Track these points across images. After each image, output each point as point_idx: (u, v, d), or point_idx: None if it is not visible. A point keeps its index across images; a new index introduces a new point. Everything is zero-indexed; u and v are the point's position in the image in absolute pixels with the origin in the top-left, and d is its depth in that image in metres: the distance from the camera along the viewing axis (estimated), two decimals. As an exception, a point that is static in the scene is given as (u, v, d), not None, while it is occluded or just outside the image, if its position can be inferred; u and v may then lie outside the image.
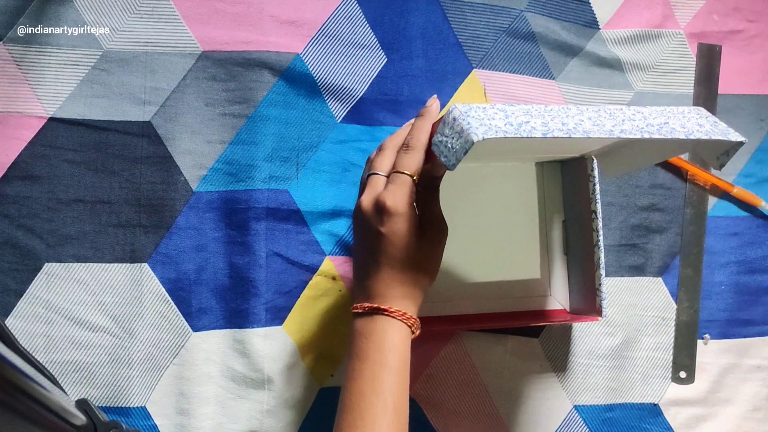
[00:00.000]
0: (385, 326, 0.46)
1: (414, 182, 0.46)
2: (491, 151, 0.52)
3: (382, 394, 0.44)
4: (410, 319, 0.46)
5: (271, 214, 0.61)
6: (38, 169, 0.59)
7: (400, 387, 0.44)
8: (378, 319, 0.46)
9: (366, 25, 0.63)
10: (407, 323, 0.46)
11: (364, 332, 0.46)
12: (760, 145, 0.68)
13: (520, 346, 0.64)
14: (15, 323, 0.58)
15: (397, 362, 0.45)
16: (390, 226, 0.45)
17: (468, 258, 0.62)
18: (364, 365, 0.45)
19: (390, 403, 0.43)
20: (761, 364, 0.67)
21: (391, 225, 0.45)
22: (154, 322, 0.59)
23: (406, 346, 0.46)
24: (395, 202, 0.45)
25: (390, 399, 0.44)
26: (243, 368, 0.60)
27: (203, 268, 0.60)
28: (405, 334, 0.46)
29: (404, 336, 0.46)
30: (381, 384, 0.44)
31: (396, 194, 0.45)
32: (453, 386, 0.63)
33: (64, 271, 0.59)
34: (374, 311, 0.46)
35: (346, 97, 0.63)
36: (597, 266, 0.56)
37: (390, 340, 0.45)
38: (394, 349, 0.45)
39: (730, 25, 0.68)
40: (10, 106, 0.59)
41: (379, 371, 0.44)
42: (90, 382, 0.58)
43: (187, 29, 0.60)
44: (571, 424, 0.65)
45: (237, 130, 0.61)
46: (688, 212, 0.67)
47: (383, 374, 0.44)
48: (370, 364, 0.45)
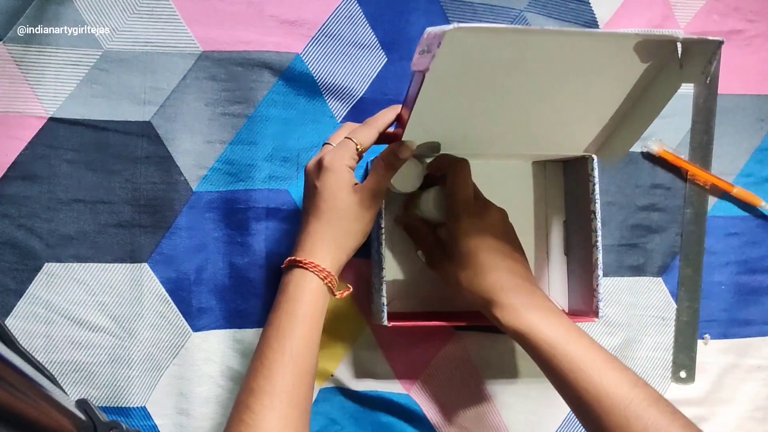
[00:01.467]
0: (298, 278, 0.48)
1: (356, 148, 0.50)
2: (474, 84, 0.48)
3: (283, 340, 0.46)
4: (323, 271, 0.48)
5: (271, 214, 0.61)
6: (38, 169, 0.59)
7: (303, 336, 0.47)
8: (294, 272, 0.49)
9: (366, 25, 0.63)
10: (319, 275, 0.48)
11: (281, 285, 0.49)
12: (760, 145, 0.68)
13: (520, 346, 0.64)
14: (15, 323, 0.58)
15: (302, 312, 0.47)
16: (323, 180, 0.49)
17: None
18: (274, 315, 0.48)
19: (288, 349, 0.46)
20: (761, 364, 0.67)
21: (324, 179, 0.49)
22: (154, 322, 0.59)
23: (316, 297, 0.48)
24: (332, 159, 0.49)
25: (289, 346, 0.46)
26: (243, 368, 0.60)
27: (203, 268, 0.60)
28: (315, 285, 0.48)
29: (314, 287, 0.48)
30: (284, 332, 0.47)
31: (335, 154, 0.50)
32: (453, 386, 0.63)
33: (64, 271, 0.59)
34: (292, 264, 0.49)
35: (346, 97, 0.63)
36: (595, 267, 0.56)
37: (300, 291, 0.48)
38: (302, 299, 0.47)
39: (730, 25, 0.68)
40: (10, 106, 0.59)
41: (285, 320, 0.47)
42: (90, 382, 0.58)
43: (187, 29, 0.60)
44: (571, 424, 0.65)
45: (237, 130, 0.61)
46: (688, 212, 0.67)
47: (288, 323, 0.47)
48: (279, 313, 0.48)
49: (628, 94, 0.49)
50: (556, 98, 0.50)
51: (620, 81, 0.49)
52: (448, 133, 0.53)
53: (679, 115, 0.67)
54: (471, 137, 0.54)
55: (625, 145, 0.53)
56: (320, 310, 0.49)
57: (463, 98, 0.48)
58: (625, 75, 0.48)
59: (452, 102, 0.48)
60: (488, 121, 0.52)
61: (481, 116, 0.51)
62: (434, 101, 0.46)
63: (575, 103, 0.51)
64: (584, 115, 0.52)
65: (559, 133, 0.55)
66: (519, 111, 0.51)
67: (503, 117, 0.51)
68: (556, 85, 0.48)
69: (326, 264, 0.49)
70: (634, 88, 0.49)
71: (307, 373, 0.47)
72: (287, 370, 0.46)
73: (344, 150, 0.50)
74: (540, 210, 0.63)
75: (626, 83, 0.49)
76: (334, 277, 0.49)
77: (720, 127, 0.68)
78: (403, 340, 0.62)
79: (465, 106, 0.49)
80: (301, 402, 0.47)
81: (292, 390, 0.46)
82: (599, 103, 0.51)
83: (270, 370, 0.46)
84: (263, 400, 0.45)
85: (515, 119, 0.52)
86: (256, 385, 0.46)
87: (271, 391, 0.45)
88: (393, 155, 0.50)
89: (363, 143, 0.50)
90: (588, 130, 0.54)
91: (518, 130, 0.54)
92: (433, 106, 0.47)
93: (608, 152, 0.55)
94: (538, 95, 0.49)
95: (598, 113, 0.52)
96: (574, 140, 0.56)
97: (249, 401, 0.45)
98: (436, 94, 0.45)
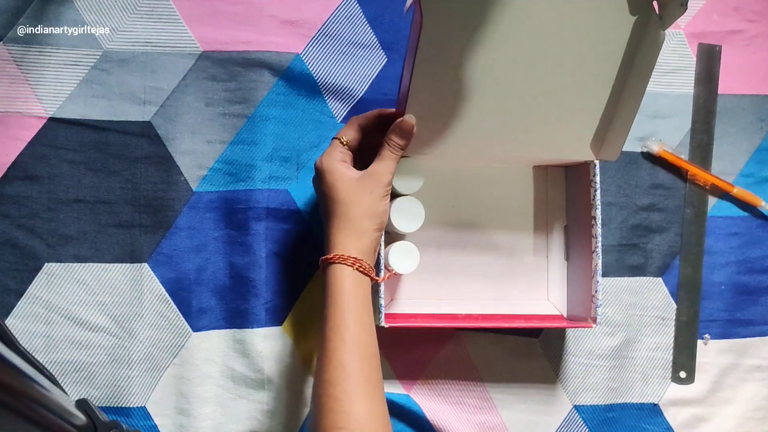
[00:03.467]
0: (332, 273, 0.50)
1: (341, 142, 0.53)
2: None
3: (339, 331, 0.48)
4: (348, 259, 0.50)
5: (271, 214, 0.61)
6: (38, 169, 0.59)
7: (355, 323, 0.49)
8: (327, 269, 0.51)
9: (366, 25, 0.63)
10: (346, 263, 0.50)
11: (323, 285, 0.51)
12: (760, 145, 0.68)
13: (520, 346, 0.64)
14: (15, 323, 0.58)
15: (346, 301, 0.49)
16: (321, 181, 0.52)
17: (467, 258, 0.62)
18: (324, 312, 0.50)
19: (348, 338, 0.48)
20: (761, 364, 0.67)
21: (322, 180, 0.52)
22: (154, 322, 0.59)
23: (353, 285, 0.50)
24: (322, 160, 0.53)
25: (347, 334, 0.48)
26: (243, 368, 0.60)
27: (203, 268, 0.60)
28: (348, 273, 0.50)
29: (348, 276, 0.50)
30: (337, 323, 0.49)
31: (324, 155, 0.53)
32: (453, 386, 0.63)
33: (64, 271, 0.59)
34: (325, 264, 0.51)
35: (346, 97, 0.63)
36: (594, 273, 0.56)
37: (337, 284, 0.50)
38: (342, 290, 0.49)
39: (730, 25, 0.68)
40: (10, 106, 0.59)
41: (334, 313, 0.49)
42: (90, 382, 0.58)
43: (187, 29, 0.60)
44: (571, 424, 0.65)
45: (237, 130, 0.61)
46: (688, 212, 0.67)
47: (338, 314, 0.49)
48: (328, 309, 0.50)
49: (618, 69, 0.51)
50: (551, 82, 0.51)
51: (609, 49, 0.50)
52: (445, 127, 0.53)
53: (679, 115, 0.67)
54: (471, 136, 0.54)
55: (622, 132, 0.53)
56: (362, 295, 0.50)
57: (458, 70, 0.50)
58: (613, 40, 0.49)
59: (447, 78, 0.50)
60: (487, 116, 0.52)
61: (478, 108, 0.52)
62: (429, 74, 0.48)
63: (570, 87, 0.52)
64: (581, 103, 0.53)
65: (559, 132, 0.55)
66: (514, 101, 0.52)
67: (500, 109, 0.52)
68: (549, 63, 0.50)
69: (351, 252, 0.50)
70: (623, 61, 0.50)
71: (372, 355, 0.49)
72: (354, 355, 0.48)
73: (331, 148, 0.53)
74: (541, 215, 0.63)
75: (615, 53, 0.50)
76: (363, 262, 0.50)
77: (720, 127, 0.68)
78: (403, 341, 0.62)
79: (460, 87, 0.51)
80: (376, 382, 0.49)
81: (364, 373, 0.48)
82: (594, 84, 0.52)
83: (339, 360, 0.47)
84: (344, 386, 0.47)
85: (514, 114, 0.53)
86: (330, 376, 0.47)
87: (346, 378, 0.47)
88: (394, 133, 0.52)
89: (346, 137, 0.53)
90: (586, 123, 0.54)
91: (518, 129, 0.54)
92: (429, 80, 0.49)
93: (608, 146, 0.55)
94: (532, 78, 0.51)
95: (594, 97, 0.53)
96: (574, 138, 0.56)
97: (330, 391, 0.47)
98: (430, 64, 0.47)
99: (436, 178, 0.61)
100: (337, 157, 0.52)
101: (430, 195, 0.60)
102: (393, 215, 0.56)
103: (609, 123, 0.54)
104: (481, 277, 0.62)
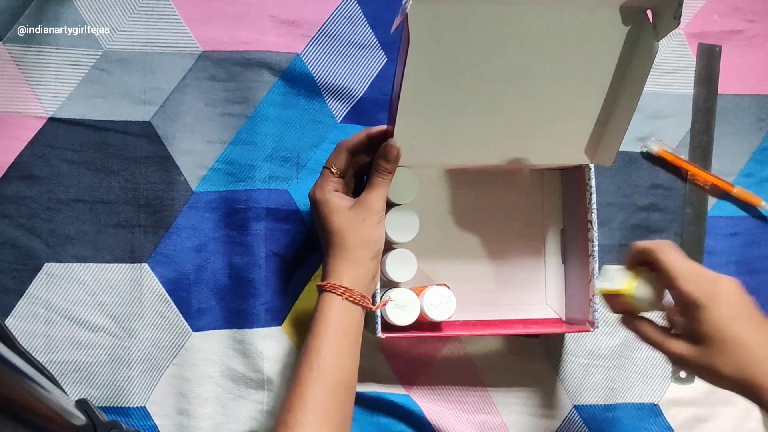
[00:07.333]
0: (321, 300, 0.51)
1: (331, 172, 0.53)
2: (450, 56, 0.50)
3: (311, 357, 0.49)
4: (339, 288, 0.51)
5: (271, 214, 0.61)
6: (38, 169, 0.59)
7: (330, 351, 0.49)
8: (320, 296, 0.52)
9: (366, 25, 0.63)
10: (336, 292, 0.50)
11: (313, 310, 0.52)
12: (760, 145, 0.68)
13: (520, 346, 0.64)
14: (15, 323, 0.58)
15: (326, 329, 0.50)
16: (316, 213, 0.53)
17: (465, 264, 0.62)
18: (306, 338, 0.51)
19: (317, 365, 0.49)
20: (761, 364, 0.67)
21: (317, 212, 0.53)
22: (154, 322, 0.59)
23: (339, 314, 0.50)
24: (314, 192, 0.54)
25: (317, 362, 0.49)
26: (243, 368, 0.60)
27: (203, 268, 0.60)
28: (336, 303, 0.51)
29: (334, 305, 0.50)
30: (311, 349, 0.50)
31: (315, 187, 0.54)
32: (453, 386, 0.63)
33: (64, 271, 0.59)
34: (319, 291, 0.52)
35: (346, 97, 0.63)
36: (591, 276, 0.56)
37: (323, 312, 0.51)
38: (326, 318, 0.50)
39: (730, 25, 0.68)
40: (10, 106, 0.59)
41: (312, 339, 0.50)
42: (90, 382, 0.58)
43: (187, 29, 0.60)
44: (571, 424, 0.65)
45: (237, 130, 0.61)
46: (688, 212, 0.67)
47: (315, 341, 0.50)
48: (309, 335, 0.51)
49: (612, 77, 0.51)
50: (543, 90, 0.51)
51: (602, 58, 0.50)
52: (439, 137, 0.53)
53: (679, 115, 0.67)
54: (466, 143, 0.54)
55: (617, 138, 0.54)
56: (346, 325, 0.51)
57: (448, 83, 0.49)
58: (606, 49, 0.49)
59: (438, 90, 0.49)
60: (479, 124, 0.52)
61: (470, 117, 0.52)
62: (419, 87, 0.48)
63: (563, 95, 0.52)
64: (574, 110, 0.53)
65: (553, 139, 0.55)
66: (507, 110, 0.52)
67: (493, 118, 0.52)
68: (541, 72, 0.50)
69: (344, 281, 0.51)
70: (617, 69, 0.50)
71: (341, 387, 0.49)
72: (317, 384, 0.48)
73: (322, 179, 0.54)
74: (537, 218, 0.63)
75: (608, 62, 0.50)
76: (355, 291, 0.51)
77: (720, 127, 0.68)
78: (403, 342, 0.62)
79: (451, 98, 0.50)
80: (335, 415, 0.48)
81: (322, 404, 0.48)
82: (587, 91, 0.52)
83: (301, 386, 0.48)
84: (297, 414, 0.47)
85: (505, 122, 0.53)
86: (289, 401, 0.48)
87: (303, 406, 0.47)
88: (381, 159, 0.52)
89: (335, 164, 0.54)
90: (581, 129, 0.54)
91: (511, 135, 0.54)
92: (419, 94, 0.48)
93: (602, 151, 0.55)
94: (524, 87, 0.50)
95: (588, 103, 0.53)
96: (569, 144, 0.56)
97: (285, 417, 0.48)
98: (419, 78, 0.47)
99: (432, 185, 0.62)
100: (329, 187, 0.53)
101: (427, 202, 0.60)
102: (388, 226, 0.56)
103: (603, 129, 0.54)
104: (478, 282, 0.63)
